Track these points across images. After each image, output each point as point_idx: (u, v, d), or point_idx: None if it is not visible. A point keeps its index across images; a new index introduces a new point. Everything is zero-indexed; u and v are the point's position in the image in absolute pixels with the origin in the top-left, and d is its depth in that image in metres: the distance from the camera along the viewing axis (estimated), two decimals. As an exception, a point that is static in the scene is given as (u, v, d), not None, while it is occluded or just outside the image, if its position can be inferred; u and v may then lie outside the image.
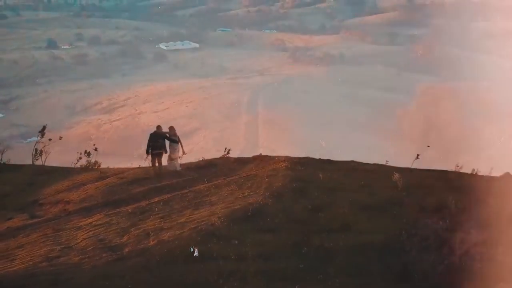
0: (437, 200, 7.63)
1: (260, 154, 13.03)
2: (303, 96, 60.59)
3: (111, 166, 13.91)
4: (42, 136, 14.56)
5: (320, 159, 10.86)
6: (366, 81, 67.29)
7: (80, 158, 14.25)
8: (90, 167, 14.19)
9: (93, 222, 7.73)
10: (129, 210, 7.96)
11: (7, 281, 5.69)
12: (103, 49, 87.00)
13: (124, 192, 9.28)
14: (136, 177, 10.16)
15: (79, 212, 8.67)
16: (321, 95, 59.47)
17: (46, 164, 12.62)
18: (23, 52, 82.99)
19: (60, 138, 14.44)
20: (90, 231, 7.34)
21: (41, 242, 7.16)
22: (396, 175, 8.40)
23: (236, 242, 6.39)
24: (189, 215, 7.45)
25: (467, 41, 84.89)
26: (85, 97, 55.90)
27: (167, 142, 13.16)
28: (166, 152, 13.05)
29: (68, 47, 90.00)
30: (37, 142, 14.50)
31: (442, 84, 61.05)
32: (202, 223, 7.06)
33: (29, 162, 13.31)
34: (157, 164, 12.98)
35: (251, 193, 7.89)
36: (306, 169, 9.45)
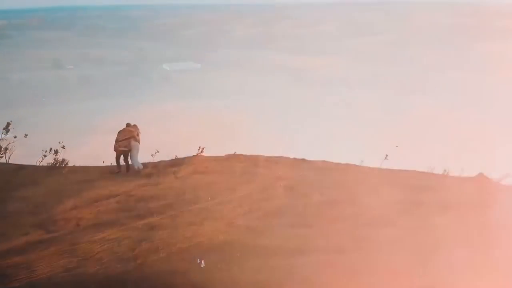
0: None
1: (235, 152, 13.59)
2: (302, 118, 61.53)
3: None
4: (7, 132, 14.71)
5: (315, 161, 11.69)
6: (365, 103, 68.35)
7: (45, 155, 14.46)
8: (57, 165, 14.52)
9: (106, 237, 8.36)
10: (140, 226, 8.59)
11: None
12: (107, 70, 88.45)
13: (134, 209, 9.90)
14: (145, 195, 10.78)
15: (92, 227, 9.30)
16: (320, 117, 60.44)
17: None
18: (29, 72, 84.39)
19: None
20: (104, 244, 7.97)
21: (59, 255, 7.79)
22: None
23: (238, 254, 7.03)
24: (195, 230, 8.09)
25: (466, 62, 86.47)
26: (91, 117, 56.92)
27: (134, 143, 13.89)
28: (130, 150, 13.81)
29: (73, 67, 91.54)
30: (1, 139, 14.67)
31: (438, 107, 62.36)
32: (207, 237, 7.72)
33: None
34: (123, 163, 13.68)
35: (252, 209, 8.58)
36: (303, 177, 10.24)
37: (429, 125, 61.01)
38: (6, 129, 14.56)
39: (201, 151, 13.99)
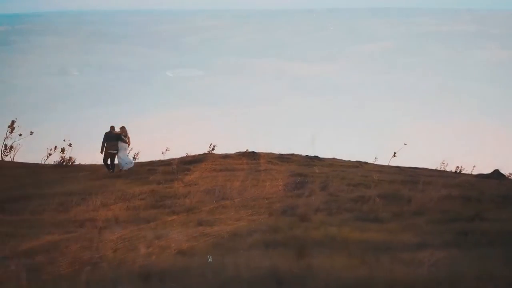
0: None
1: (247, 150, 14.05)
2: (303, 122, 62.26)
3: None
4: (12, 131, 15.02)
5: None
6: (362, 111, 69.17)
7: (50, 154, 14.88)
8: (64, 163, 14.96)
9: (122, 236, 9.21)
10: (152, 227, 9.45)
11: (61, 281, 7.17)
12: (111, 76, 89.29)
13: (145, 212, 10.75)
14: (155, 199, 11.60)
15: (108, 228, 10.15)
16: (320, 126, 61.22)
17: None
18: (35, 78, 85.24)
19: None
20: (121, 243, 8.83)
21: (81, 252, 8.65)
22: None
23: (242, 251, 7.85)
24: (202, 231, 8.94)
25: (463, 70, 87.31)
26: (99, 124, 57.81)
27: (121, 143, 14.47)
28: (118, 151, 14.41)
29: (78, 73, 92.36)
30: (6, 137, 14.93)
31: (438, 112, 63.14)
32: (213, 236, 8.55)
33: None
34: (109, 162, 14.31)
35: (254, 212, 9.38)
36: (323, 174, 10.65)
37: (432, 128, 61.90)
38: (11, 127, 14.90)
39: (213, 149, 14.25)
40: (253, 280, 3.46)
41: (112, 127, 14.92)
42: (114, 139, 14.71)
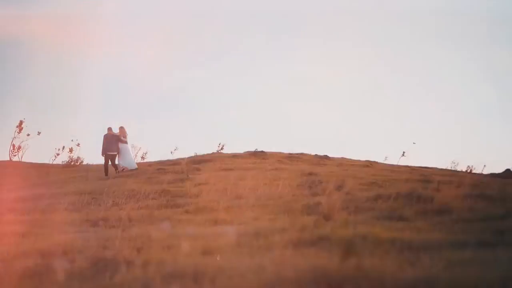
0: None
1: (256, 149, 14.02)
2: (309, 126, 62.25)
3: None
4: (20, 131, 14.88)
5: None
6: (368, 111, 69.06)
7: (58, 154, 14.79)
8: (72, 163, 14.94)
9: (141, 235, 9.22)
10: (168, 226, 9.48)
11: (85, 281, 7.20)
12: (117, 79, 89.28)
13: (158, 211, 10.76)
14: (167, 198, 11.61)
15: (123, 227, 10.18)
16: (328, 125, 61.04)
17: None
18: (42, 81, 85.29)
19: None
20: (141, 242, 8.87)
21: (100, 251, 8.64)
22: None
23: (271, 251, 7.82)
24: (222, 230, 8.96)
25: (469, 73, 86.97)
26: (106, 124, 57.55)
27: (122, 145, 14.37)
28: (118, 152, 14.35)
29: (84, 74, 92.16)
30: (14, 138, 14.79)
31: (443, 113, 63.10)
32: (236, 235, 8.56)
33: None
34: (110, 163, 14.20)
35: (271, 211, 9.36)
36: (334, 173, 10.50)
37: (437, 130, 61.73)
38: (20, 127, 14.80)
39: (221, 148, 14.24)
40: (300, 280, 3.29)
41: (110, 129, 14.90)
42: (113, 141, 14.68)
